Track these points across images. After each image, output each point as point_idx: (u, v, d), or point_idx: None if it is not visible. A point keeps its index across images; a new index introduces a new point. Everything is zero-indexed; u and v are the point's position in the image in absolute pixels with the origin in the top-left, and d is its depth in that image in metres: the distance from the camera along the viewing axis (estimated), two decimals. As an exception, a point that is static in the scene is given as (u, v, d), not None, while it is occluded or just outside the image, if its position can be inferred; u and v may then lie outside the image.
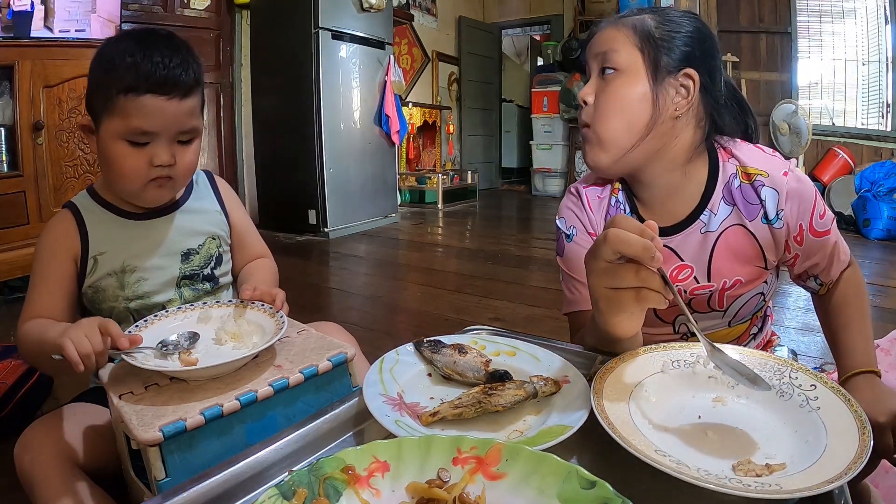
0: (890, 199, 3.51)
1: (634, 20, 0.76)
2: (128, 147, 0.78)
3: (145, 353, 0.66)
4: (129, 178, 0.80)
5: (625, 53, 0.75)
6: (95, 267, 0.85)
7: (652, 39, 0.75)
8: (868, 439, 0.45)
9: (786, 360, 0.59)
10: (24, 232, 2.16)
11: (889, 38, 4.22)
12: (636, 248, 0.49)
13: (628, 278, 0.51)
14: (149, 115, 0.76)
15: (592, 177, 0.87)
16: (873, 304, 2.16)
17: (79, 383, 1.11)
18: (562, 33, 5.80)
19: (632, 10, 0.80)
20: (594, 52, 0.77)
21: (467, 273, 2.82)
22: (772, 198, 0.77)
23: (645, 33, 0.75)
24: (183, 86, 0.78)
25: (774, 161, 0.78)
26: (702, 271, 0.80)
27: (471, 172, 5.45)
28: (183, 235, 0.90)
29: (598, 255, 0.52)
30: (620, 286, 0.52)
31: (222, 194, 0.98)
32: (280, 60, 3.57)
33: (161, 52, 0.77)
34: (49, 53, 2.20)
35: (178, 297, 0.89)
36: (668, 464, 0.43)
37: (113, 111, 0.77)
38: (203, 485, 0.45)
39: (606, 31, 0.77)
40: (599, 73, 0.77)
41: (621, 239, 0.50)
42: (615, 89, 0.75)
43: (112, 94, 0.76)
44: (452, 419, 0.54)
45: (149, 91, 0.76)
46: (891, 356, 1.08)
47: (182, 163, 0.82)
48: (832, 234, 0.80)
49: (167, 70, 0.76)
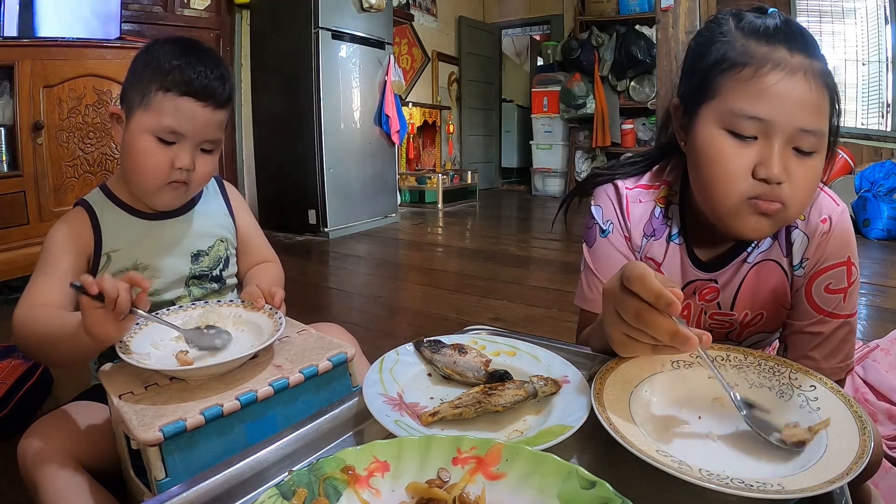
0: (890, 199, 3.51)
1: (823, 67, 0.62)
2: (154, 143, 0.81)
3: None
4: (150, 176, 0.82)
5: (824, 125, 0.63)
6: (108, 263, 0.86)
7: (838, 100, 0.64)
8: (868, 440, 0.45)
9: (786, 360, 0.59)
10: (23, 232, 2.15)
11: (889, 38, 4.22)
12: (666, 333, 0.49)
13: (647, 338, 0.52)
14: (182, 116, 0.80)
15: (634, 178, 0.80)
16: (873, 304, 2.16)
17: (79, 382, 1.11)
18: (562, 33, 5.79)
19: (803, 42, 0.63)
20: (791, 124, 0.60)
21: (467, 273, 2.82)
22: (800, 243, 0.71)
23: (835, 94, 0.64)
24: (219, 97, 0.83)
25: (821, 203, 0.71)
26: (727, 298, 0.76)
27: (471, 172, 5.45)
28: (193, 237, 0.92)
29: (622, 308, 0.52)
30: (637, 339, 0.53)
31: (230, 198, 1.00)
32: (280, 60, 3.56)
33: (205, 62, 0.82)
34: (49, 53, 2.20)
35: (188, 295, 0.91)
36: (670, 464, 0.43)
37: (149, 106, 0.80)
38: (203, 485, 0.45)
39: (804, 90, 0.60)
40: (793, 148, 0.62)
41: (655, 321, 0.50)
42: (815, 167, 0.63)
43: (151, 90, 0.80)
44: (452, 419, 0.54)
45: (188, 94, 0.80)
46: (891, 356, 1.08)
47: (200, 170, 0.85)
48: (845, 323, 0.70)
49: (208, 80, 0.81)
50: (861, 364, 1.08)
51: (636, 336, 0.52)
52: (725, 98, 0.63)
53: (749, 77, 0.61)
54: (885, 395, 1.01)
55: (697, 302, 0.78)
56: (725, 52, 0.64)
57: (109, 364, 0.69)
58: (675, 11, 4.36)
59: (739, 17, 0.66)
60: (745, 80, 0.62)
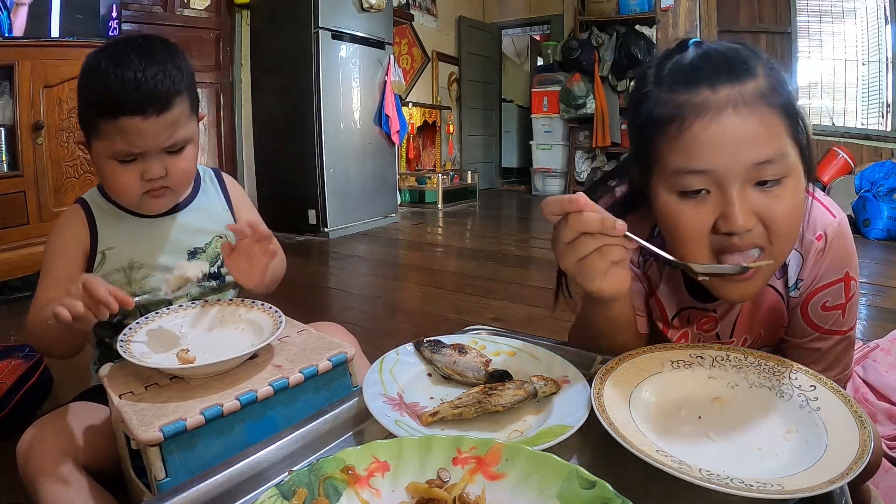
0: (890, 199, 3.50)
1: (760, 86, 0.56)
2: (118, 165, 0.79)
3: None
4: (125, 193, 0.82)
5: (791, 153, 0.57)
6: (104, 261, 0.86)
7: (794, 111, 0.58)
8: (868, 440, 0.45)
9: (786, 361, 0.59)
10: (24, 232, 2.15)
11: (889, 38, 4.22)
12: (596, 224, 0.52)
13: (588, 244, 0.53)
14: (128, 136, 0.76)
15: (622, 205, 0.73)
16: (873, 305, 2.16)
17: (79, 382, 1.11)
18: (562, 33, 5.79)
19: (738, 62, 0.58)
20: (738, 165, 0.55)
21: (467, 273, 2.82)
22: (795, 263, 0.67)
23: (790, 107, 0.58)
24: (158, 100, 0.76)
25: (815, 218, 0.66)
26: (726, 328, 0.74)
27: (471, 172, 5.45)
28: (189, 234, 0.91)
29: (560, 237, 0.54)
30: (584, 254, 0.54)
31: (230, 192, 0.99)
32: (280, 60, 3.56)
33: (133, 66, 0.74)
34: (49, 53, 2.20)
35: (185, 294, 0.90)
36: (670, 464, 0.43)
37: (98, 133, 0.78)
38: (203, 485, 0.45)
39: (736, 125, 0.55)
40: (755, 184, 0.57)
41: (580, 219, 0.52)
42: (788, 194, 0.57)
43: (92, 117, 0.77)
44: (452, 419, 0.54)
45: (124, 114, 0.74)
46: (891, 356, 1.08)
47: (175, 173, 0.82)
48: (843, 339, 0.68)
49: (139, 86, 0.74)
50: (861, 364, 1.08)
51: (581, 251, 0.54)
52: (663, 160, 0.59)
53: (676, 133, 0.57)
54: (885, 395, 1.01)
55: (695, 331, 0.75)
56: (651, 110, 0.60)
57: (110, 364, 0.69)
58: (675, 11, 4.36)
59: (660, 67, 0.61)
60: (674, 138, 0.57)
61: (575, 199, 0.52)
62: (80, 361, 0.93)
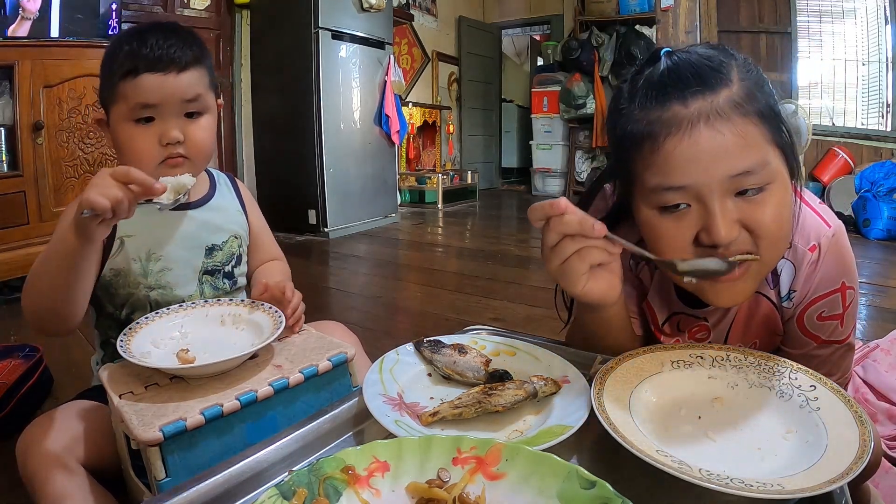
0: (890, 199, 3.51)
1: (733, 95, 0.55)
2: (135, 127, 0.80)
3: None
4: (143, 159, 0.80)
5: (773, 159, 0.56)
6: (122, 248, 0.85)
7: (773, 114, 0.57)
8: (868, 440, 0.45)
9: (785, 361, 0.59)
10: (24, 232, 2.15)
11: (889, 38, 4.22)
12: (574, 226, 0.54)
13: (568, 246, 0.55)
14: (147, 90, 0.78)
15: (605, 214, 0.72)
16: (873, 305, 2.16)
17: (79, 382, 1.11)
18: (562, 33, 5.79)
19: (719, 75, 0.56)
20: (715, 178, 0.54)
21: (467, 273, 2.82)
22: (787, 273, 0.66)
23: (768, 111, 0.56)
24: (179, 61, 0.80)
25: (808, 227, 0.65)
26: (719, 337, 0.73)
27: (471, 172, 5.45)
28: (208, 231, 0.91)
29: (544, 242, 0.56)
30: (565, 257, 0.55)
31: (242, 196, 1.01)
32: (280, 60, 3.56)
33: (156, 35, 0.79)
34: (49, 53, 2.20)
35: (199, 293, 0.89)
36: (670, 464, 0.43)
37: (117, 98, 0.79)
38: (203, 485, 0.45)
39: (710, 138, 0.54)
40: (736, 195, 0.56)
41: (561, 222, 0.54)
42: (771, 201, 0.56)
43: (115, 83, 0.79)
44: (452, 419, 0.54)
45: (145, 70, 0.78)
46: (891, 356, 1.08)
47: (193, 139, 0.82)
48: (841, 347, 0.67)
49: (162, 50, 0.78)
50: (861, 364, 1.08)
51: (562, 254, 0.55)
52: (641, 178, 0.59)
53: (650, 151, 0.56)
54: (885, 395, 1.01)
55: (686, 339, 0.74)
56: (626, 128, 0.59)
57: (110, 364, 0.69)
58: (675, 11, 4.36)
59: (633, 81, 0.60)
60: (648, 156, 0.57)
61: (556, 203, 0.53)
62: (81, 361, 0.93)
